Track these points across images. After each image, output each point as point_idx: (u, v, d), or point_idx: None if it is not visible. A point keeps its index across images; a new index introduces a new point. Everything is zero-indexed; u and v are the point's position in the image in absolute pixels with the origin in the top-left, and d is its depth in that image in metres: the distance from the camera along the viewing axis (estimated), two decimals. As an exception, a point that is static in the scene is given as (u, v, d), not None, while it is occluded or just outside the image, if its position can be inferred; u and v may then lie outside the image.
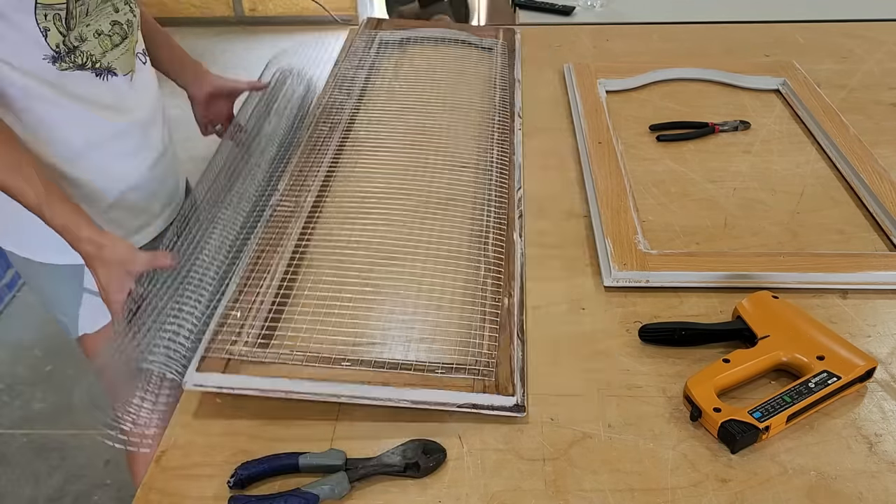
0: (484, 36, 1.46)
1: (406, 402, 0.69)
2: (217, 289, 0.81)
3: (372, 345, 0.76)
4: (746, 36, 1.49)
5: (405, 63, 1.35)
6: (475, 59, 1.39)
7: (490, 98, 1.23)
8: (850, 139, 1.09)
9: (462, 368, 0.72)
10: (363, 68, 1.29)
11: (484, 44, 1.43)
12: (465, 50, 1.43)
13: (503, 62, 1.35)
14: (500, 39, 1.44)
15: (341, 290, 0.82)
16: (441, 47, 1.43)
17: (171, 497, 0.64)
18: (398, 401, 0.69)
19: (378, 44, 1.40)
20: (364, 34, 1.42)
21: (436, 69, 1.33)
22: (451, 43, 1.45)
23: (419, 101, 1.21)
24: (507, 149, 1.08)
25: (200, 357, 0.72)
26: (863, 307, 0.82)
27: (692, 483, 0.64)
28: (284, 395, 0.69)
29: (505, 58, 1.37)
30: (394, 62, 1.35)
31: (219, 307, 0.79)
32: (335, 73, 1.28)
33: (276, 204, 0.94)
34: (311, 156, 1.04)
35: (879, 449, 0.67)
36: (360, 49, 1.36)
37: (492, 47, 1.42)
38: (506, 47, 1.41)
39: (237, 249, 0.87)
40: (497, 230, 0.92)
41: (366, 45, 1.37)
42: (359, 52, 1.34)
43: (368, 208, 0.96)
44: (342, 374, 0.71)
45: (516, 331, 0.78)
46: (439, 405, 0.69)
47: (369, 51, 1.36)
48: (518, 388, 0.71)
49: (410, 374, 0.71)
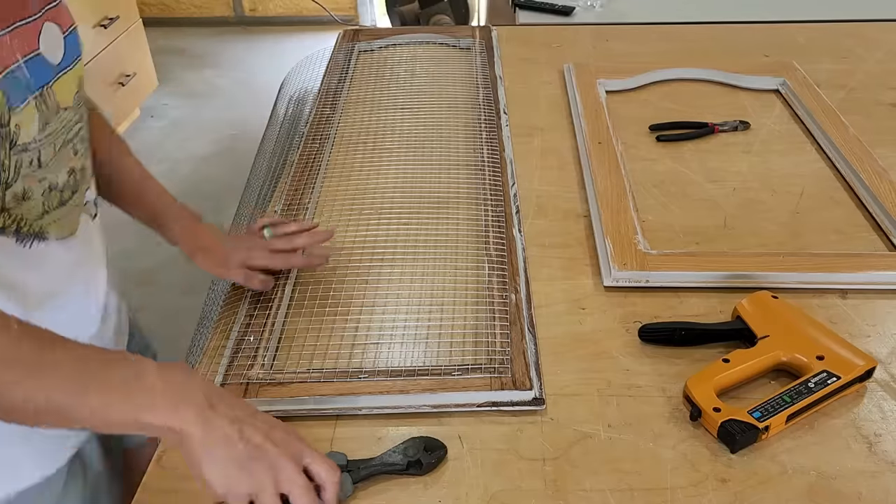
0: (460, 36, 1.47)
1: (427, 407, 0.70)
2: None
3: (385, 352, 0.77)
4: (746, 36, 1.50)
5: (386, 70, 1.37)
6: (454, 59, 1.41)
7: (474, 97, 1.25)
8: (850, 139, 1.09)
9: (477, 368, 0.73)
10: (345, 80, 1.31)
11: (461, 44, 1.45)
12: (443, 51, 1.44)
13: (482, 60, 1.36)
14: (476, 38, 1.46)
15: (350, 301, 0.83)
16: (419, 51, 1.44)
17: (171, 497, 0.64)
18: (419, 407, 0.70)
19: (357, 54, 1.42)
20: (343, 48, 1.43)
21: (417, 73, 1.35)
22: (428, 46, 1.47)
23: (405, 107, 1.23)
24: (496, 146, 1.09)
25: (220, 384, 0.72)
26: (862, 307, 0.83)
27: (692, 483, 0.64)
28: (307, 412, 0.70)
29: (484, 56, 1.38)
30: (375, 71, 1.37)
31: (231, 333, 0.78)
32: (321, 88, 1.29)
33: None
34: (304, 172, 1.05)
35: (879, 449, 0.67)
36: (340, 62, 1.38)
37: (469, 46, 1.43)
38: (483, 45, 1.42)
39: None
40: (496, 228, 0.93)
41: (345, 58, 1.39)
42: (340, 65, 1.36)
43: (368, 217, 0.97)
44: (360, 387, 0.72)
45: (527, 326, 0.79)
46: (459, 407, 0.70)
47: (349, 62, 1.38)
48: (535, 382, 0.72)
49: (427, 379, 0.72)
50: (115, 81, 2.77)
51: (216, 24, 4.02)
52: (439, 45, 1.47)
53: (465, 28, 1.52)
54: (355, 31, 1.51)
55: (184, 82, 3.41)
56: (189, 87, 3.37)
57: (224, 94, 3.30)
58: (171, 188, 0.88)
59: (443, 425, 0.69)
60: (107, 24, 2.69)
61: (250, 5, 4.01)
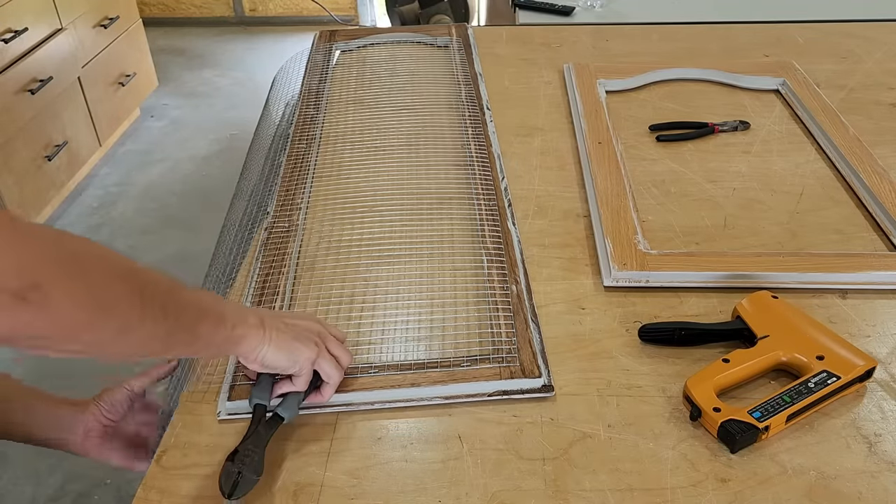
0: (437, 35, 1.48)
1: (439, 398, 0.71)
2: None
3: (392, 347, 0.77)
4: (746, 36, 1.50)
5: (367, 70, 1.37)
6: (433, 58, 1.41)
7: (456, 94, 1.26)
8: (850, 139, 1.09)
9: (485, 358, 0.74)
10: (326, 81, 1.32)
11: (438, 42, 1.46)
12: (421, 50, 1.45)
13: (461, 58, 1.37)
14: (453, 36, 1.46)
15: (351, 298, 0.84)
16: (398, 50, 1.45)
17: (171, 497, 0.64)
18: (431, 399, 0.71)
19: (337, 54, 1.42)
20: (320, 49, 1.43)
21: (398, 72, 1.35)
22: (406, 45, 1.47)
23: (390, 105, 1.23)
24: (483, 142, 1.10)
25: (230, 386, 0.72)
26: (862, 307, 0.83)
27: (692, 483, 0.64)
28: (319, 410, 0.70)
29: (462, 54, 1.39)
30: (355, 70, 1.37)
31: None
32: (302, 89, 1.29)
33: (270, 226, 0.94)
34: (294, 173, 1.05)
35: (879, 449, 0.67)
36: (319, 63, 1.38)
37: (447, 45, 1.44)
38: (461, 43, 1.43)
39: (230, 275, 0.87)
40: (491, 221, 0.94)
41: (324, 58, 1.40)
42: (319, 66, 1.36)
43: (362, 216, 0.97)
44: (371, 382, 0.72)
45: (529, 315, 0.80)
46: (470, 397, 0.71)
47: (329, 63, 1.38)
48: (543, 369, 0.73)
49: (437, 371, 0.73)
50: (115, 81, 2.77)
51: (216, 24, 4.02)
52: (417, 44, 1.47)
53: (440, 27, 1.52)
54: (332, 31, 1.51)
55: (184, 82, 3.42)
56: (189, 87, 3.37)
57: (224, 94, 3.30)
58: (172, 188, 0.88)
59: (443, 424, 0.69)
60: (107, 24, 2.69)
61: (250, 5, 4.01)
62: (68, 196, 2.58)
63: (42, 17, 2.33)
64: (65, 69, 2.42)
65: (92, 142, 2.62)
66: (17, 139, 2.17)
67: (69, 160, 2.46)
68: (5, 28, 2.15)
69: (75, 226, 2.45)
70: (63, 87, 2.41)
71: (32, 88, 2.23)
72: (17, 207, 2.16)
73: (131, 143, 2.95)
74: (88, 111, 2.57)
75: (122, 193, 2.63)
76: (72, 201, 2.58)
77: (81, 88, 2.52)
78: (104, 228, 2.44)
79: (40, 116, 2.29)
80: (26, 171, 2.22)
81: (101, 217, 2.50)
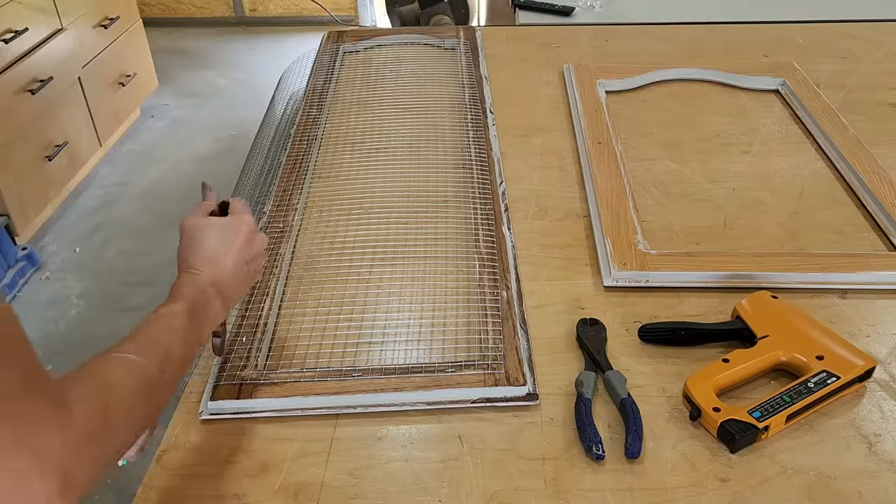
0: (444, 37, 1.48)
1: (421, 404, 0.70)
2: None
3: (378, 350, 0.77)
4: (746, 36, 1.50)
5: (372, 71, 1.37)
6: (439, 60, 1.41)
7: (460, 97, 1.25)
8: (850, 139, 1.09)
9: (471, 364, 0.74)
10: (331, 81, 1.31)
11: (446, 44, 1.46)
12: (428, 52, 1.44)
13: (468, 61, 1.37)
14: (461, 39, 1.46)
15: (342, 300, 0.84)
16: (404, 51, 1.45)
17: (171, 497, 0.64)
18: (413, 404, 0.70)
19: (343, 55, 1.42)
20: (327, 49, 1.43)
21: (403, 73, 1.35)
22: (413, 47, 1.47)
23: (392, 107, 1.23)
24: (484, 145, 1.10)
25: (213, 386, 0.72)
26: (862, 307, 0.83)
27: (692, 483, 0.64)
28: (301, 412, 0.70)
29: (469, 56, 1.39)
30: (360, 72, 1.37)
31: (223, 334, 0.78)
32: (307, 89, 1.29)
33: (265, 227, 0.94)
34: (292, 174, 1.05)
35: (879, 449, 0.67)
36: (325, 63, 1.38)
37: (454, 47, 1.44)
38: (468, 45, 1.43)
39: None
40: (486, 226, 0.93)
41: (331, 59, 1.39)
42: (325, 66, 1.36)
43: (357, 217, 0.97)
44: (354, 385, 0.72)
45: (518, 322, 0.79)
46: (453, 404, 0.70)
47: (335, 64, 1.38)
48: (528, 377, 0.72)
49: (421, 377, 0.72)
50: (116, 81, 2.77)
51: (216, 25, 4.01)
52: (424, 46, 1.47)
53: (449, 29, 1.52)
54: (339, 32, 1.51)
55: (184, 82, 3.42)
56: (189, 87, 3.37)
57: (224, 94, 3.30)
58: (172, 188, 0.88)
59: (442, 424, 0.69)
60: (107, 25, 2.69)
61: (250, 5, 4.01)
62: (68, 196, 2.58)
63: (42, 17, 2.33)
64: (65, 69, 2.42)
65: (92, 142, 2.62)
66: (17, 139, 2.17)
67: (69, 160, 2.46)
68: (5, 28, 2.15)
69: (75, 226, 2.45)
70: (63, 87, 2.41)
71: (33, 89, 2.23)
72: (17, 207, 2.16)
73: (131, 143, 2.95)
74: (89, 111, 2.57)
75: (123, 193, 2.63)
76: (72, 201, 2.58)
77: (82, 89, 2.52)
78: (104, 229, 2.44)
79: (40, 116, 2.29)
80: (26, 171, 2.22)
81: (101, 217, 2.50)
